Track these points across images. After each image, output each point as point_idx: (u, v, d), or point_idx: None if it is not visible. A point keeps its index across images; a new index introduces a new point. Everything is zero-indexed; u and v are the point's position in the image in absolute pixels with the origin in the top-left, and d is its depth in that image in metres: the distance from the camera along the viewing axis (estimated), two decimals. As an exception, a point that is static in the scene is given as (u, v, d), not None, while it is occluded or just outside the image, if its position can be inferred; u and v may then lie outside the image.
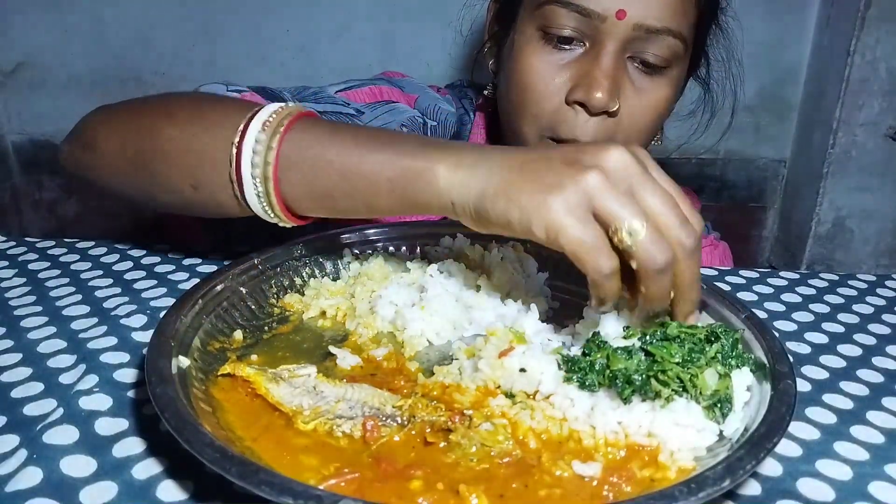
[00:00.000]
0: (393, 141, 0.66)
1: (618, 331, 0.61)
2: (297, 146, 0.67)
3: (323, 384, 0.60)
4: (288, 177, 0.68)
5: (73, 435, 0.57)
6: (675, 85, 0.91)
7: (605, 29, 0.84)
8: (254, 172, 0.67)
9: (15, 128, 2.07)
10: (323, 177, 0.67)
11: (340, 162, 0.66)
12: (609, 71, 0.85)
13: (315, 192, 0.68)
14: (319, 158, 0.67)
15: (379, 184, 0.64)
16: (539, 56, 0.88)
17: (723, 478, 0.47)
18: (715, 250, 1.07)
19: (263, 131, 0.67)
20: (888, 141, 1.93)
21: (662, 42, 0.85)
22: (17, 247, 0.93)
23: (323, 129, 0.69)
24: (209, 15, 1.96)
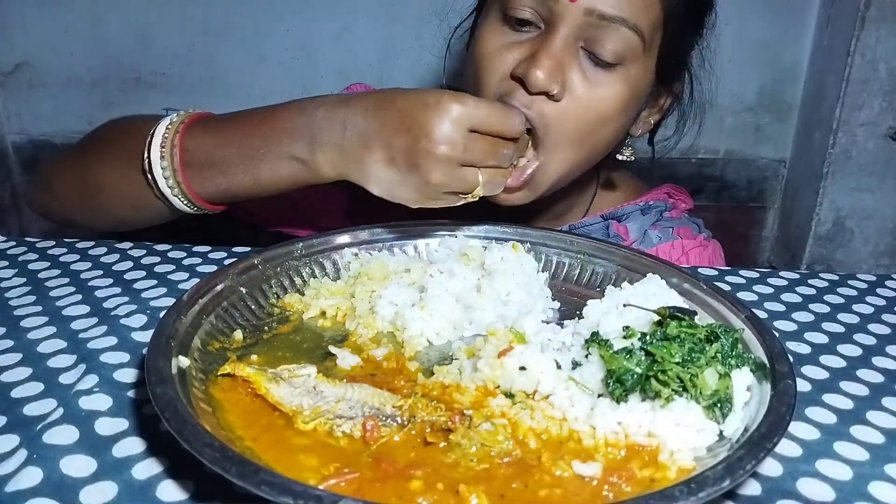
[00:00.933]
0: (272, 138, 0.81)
1: (617, 330, 0.61)
2: (194, 149, 0.83)
3: (323, 384, 0.60)
4: (195, 182, 0.84)
5: (73, 435, 0.57)
6: (630, 85, 0.88)
7: (558, 11, 0.84)
8: (169, 184, 0.84)
9: (15, 128, 2.08)
10: (229, 182, 0.83)
11: (239, 169, 0.82)
12: (553, 52, 0.84)
13: (222, 186, 0.84)
14: (219, 164, 0.83)
15: (279, 183, 0.82)
16: (495, 34, 0.90)
17: (723, 478, 0.47)
18: (704, 250, 1.06)
19: (163, 147, 0.84)
20: (888, 141, 1.93)
21: (617, 33, 0.84)
22: (17, 247, 0.93)
23: (211, 138, 0.84)
24: (209, 15, 1.96)
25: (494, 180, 0.76)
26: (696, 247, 1.05)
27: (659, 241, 1.05)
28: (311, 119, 0.78)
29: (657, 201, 1.11)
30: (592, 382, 0.59)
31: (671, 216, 1.10)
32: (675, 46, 0.92)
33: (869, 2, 1.81)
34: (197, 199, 0.85)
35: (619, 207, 1.09)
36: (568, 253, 0.84)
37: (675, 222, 1.09)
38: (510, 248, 0.79)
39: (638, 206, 1.08)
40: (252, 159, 0.82)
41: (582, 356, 0.62)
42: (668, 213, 1.10)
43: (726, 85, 2.06)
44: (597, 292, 0.79)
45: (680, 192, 1.15)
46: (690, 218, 1.13)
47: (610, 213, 1.08)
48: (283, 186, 0.83)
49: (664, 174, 2.05)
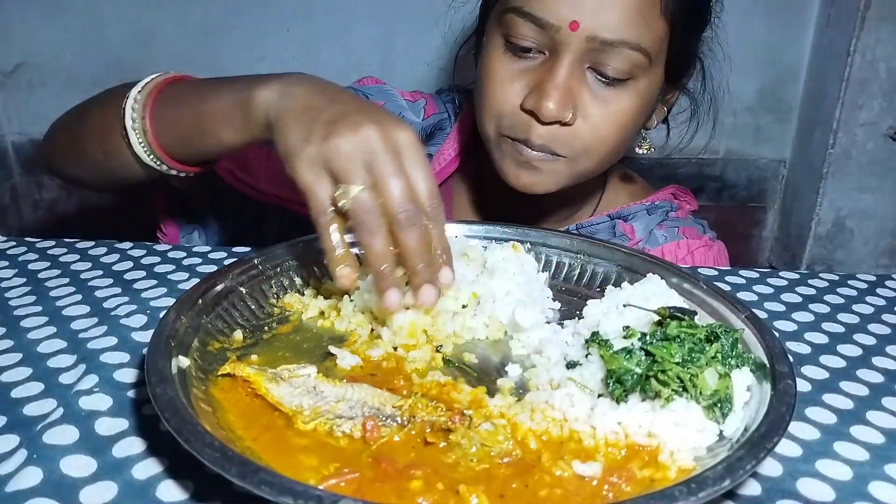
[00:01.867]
0: (233, 80, 0.79)
1: (617, 331, 0.61)
2: (163, 101, 0.83)
3: (323, 384, 0.60)
4: (159, 126, 0.83)
5: (73, 435, 0.57)
6: (640, 96, 0.90)
7: (560, 39, 0.85)
8: (133, 125, 0.83)
9: (15, 128, 2.07)
10: (181, 121, 0.82)
11: (192, 106, 0.81)
12: (561, 82, 0.86)
13: (179, 135, 0.83)
14: (178, 105, 0.82)
15: (217, 118, 0.78)
16: (500, 62, 0.91)
17: (723, 478, 0.47)
18: (709, 251, 1.07)
19: (140, 91, 0.84)
20: (888, 141, 1.93)
21: (620, 55, 0.85)
22: (17, 247, 0.93)
23: (185, 85, 0.85)
24: (209, 15, 1.95)
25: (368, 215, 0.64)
26: (701, 246, 1.06)
27: (665, 240, 1.06)
28: (262, 79, 0.75)
29: (663, 201, 1.11)
30: (592, 382, 0.59)
31: (677, 216, 1.11)
32: (683, 48, 0.93)
33: (869, 2, 1.80)
34: (154, 142, 0.83)
35: (625, 207, 1.10)
36: (568, 253, 0.84)
37: (680, 222, 1.10)
38: (510, 247, 0.79)
39: (644, 206, 1.09)
40: (201, 102, 0.80)
41: (582, 356, 0.62)
42: (674, 213, 1.11)
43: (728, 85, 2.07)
44: (597, 292, 0.79)
45: (685, 193, 1.16)
46: (696, 219, 1.14)
47: (616, 213, 1.09)
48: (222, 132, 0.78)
49: (664, 174, 2.06)
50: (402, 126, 0.66)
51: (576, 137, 0.90)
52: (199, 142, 0.81)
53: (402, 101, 1.14)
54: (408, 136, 0.66)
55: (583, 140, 0.90)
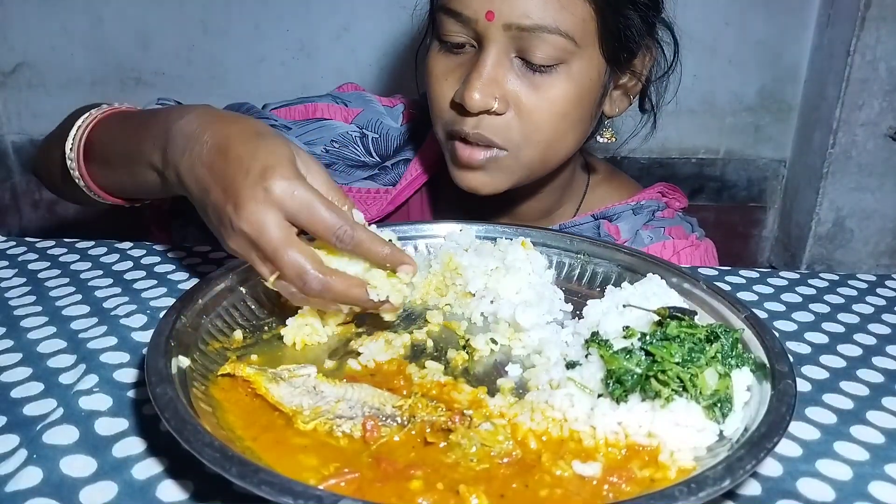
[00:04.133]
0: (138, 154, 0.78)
1: (617, 331, 0.61)
2: (96, 141, 0.86)
3: (323, 384, 0.60)
4: (90, 167, 0.86)
5: (73, 435, 0.57)
6: (574, 81, 0.88)
7: (481, 31, 0.86)
8: (74, 174, 0.87)
9: (15, 128, 2.08)
10: (109, 178, 0.86)
11: (116, 173, 0.84)
12: (485, 71, 0.86)
13: (111, 188, 0.87)
14: (102, 165, 0.85)
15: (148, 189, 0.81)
16: (436, 61, 0.93)
17: (723, 478, 0.47)
18: (696, 250, 1.05)
19: (73, 138, 0.86)
20: (888, 141, 1.93)
21: (542, 40, 0.85)
22: (17, 247, 0.93)
23: (113, 128, 0.86)
24: (209, 15, 1.96)
25: (290, 291, 0.66)
26: (687, 246, 1.05)
27: (650, 241, 1.04)
28: (172, 130, 0.73)
29: (650, 200, 1.10)
30: (592, 382, 0.59)
31: (663, 216, 1.09)
32: (618, 29, 0.90)
33: (869, 2, 1.80)
34: (95, 189, 0.88)
35: (610, 207, 1.09)
36: (568, 253, 0.84)
37: (667, 222, 1.08)
38: (519, 245, 0.79)
39: (629, 206, 1.08)
40: (128, 160, 0.81)
41: (582, 356, 0.62)
42: (661, 212, 1.09)
43: (726, 85, 2.07)
44: (597, 292, 0.79)
45: (674, 190, 1.14)
46: (684, 217, 1.12)
47: (601, 213, 1.08)
48: (155, 192, 0.81)
49: (665, 174, 2.06)
50: (261, 182, 0.63)
51: (510, 127, 0.89)
52: (141, 194, 0.87)
53: (381, 108, 1.14)
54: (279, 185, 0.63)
55: (519, 129, 0.89)
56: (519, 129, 0.89)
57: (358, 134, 1.11)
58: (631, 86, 0.99)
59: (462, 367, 0.66)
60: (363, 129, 1.11)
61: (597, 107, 0.96)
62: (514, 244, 0.79)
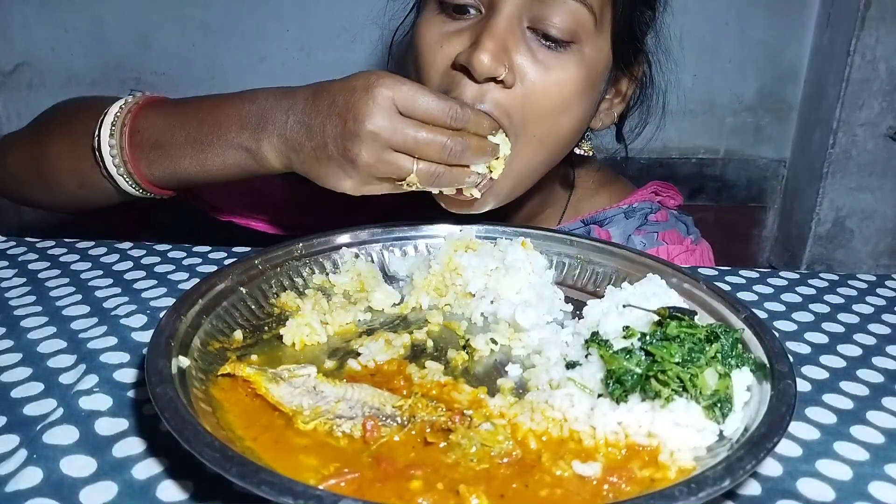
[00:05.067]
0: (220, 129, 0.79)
1: (617, 331, 0.61)
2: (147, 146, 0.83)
3: (323, 384, 0.60)
4: (151, 170, 0.84)
5: (73, 435, 0.57)
6: (586, 66, 0.82)
7: None
8: (115, 163, 0.84)
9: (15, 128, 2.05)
10: (180, 169, 0.83)
11: (189, 157, 0.82)
12: (497, 34, 0.77)
13: (177, 178, 0.84)
14: (173, 156, 0.83)
15: (227, 171, 0.81)
16: (431, 25, 0.84)
17: (723, 478, 0.47)
18: (691, 256, 1.02)
19: (112, 137, 0.83)
20: (888, 141, 1.93)
21: (565, 7, 0.78)
22: (17, 247, 0.93)
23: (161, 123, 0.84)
24: (209, 15, 1.96)
25: (432, 171, 0.73)
26: (682, 252, 1.01)
27: (643, 247, 1.01)
28: (259, 108, 0.78)
29: (642, 202, 1.06)
30: (592, 382, 0.59)
31: (657, 219, 1.05)
32: (628, 22, 0.87)
33: (869, 2, 1.80)
34: (142, 181, 0.85)
35: (601, 211, 1.04)
36: (568, 253, 0.84)
37: (660, 226, 1.04)
38: (519, 245, 0.79)
39: (621, 210, 1.04)
40: (200, 144, 0.81)
41: (582, 356, 0.62)
42: (654, 215, 1.05)
43: (726, 85, 2.07)
44: (597, 292, 0.79)
45: (668, 188, 1.10)
46: (679, 217, 1.08)
47: (591, 218, 1.04)
48: (230, 175, 0.82)
49: (665, 174, 2.06)
50: (394, 81, 0.71)
51: (512, 103, 0.80)
52: (200, 180, 0.85)
53: None
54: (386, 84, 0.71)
55: (521, 111, 0.80)
56: (521, 112, 0.81)
57: None
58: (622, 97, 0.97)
59: (462, 367, 0.66)
60: None
61: (591, 113, 0.91)
62: (514, 244, 0.79)
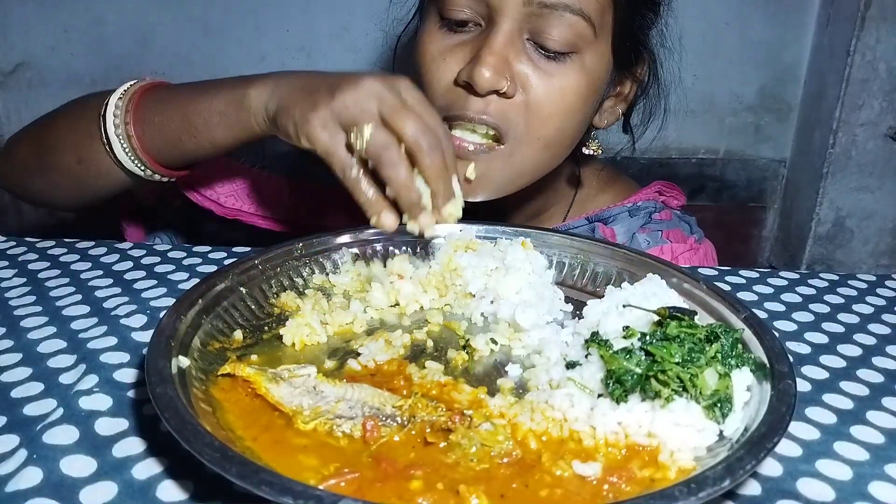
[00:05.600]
0: (221, 82, 0.80)
1: (617, 331, 0.61)
2: (147, 106, 0.83)
3: (323, 384, 0.60)
4: (145, 131, 0.83)
5: (73, 435, 0.57)
6: (587, 73, 0.84)
7: (496, 6, 0.80)
8: (117, 132, 0.83)
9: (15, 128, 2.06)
10: (170, 124, 0.82)
11: (180, 108, 0.81)
12: (497, 48, 0.80)
13: (167, 139, 0.83)
14: (165, 110, 0.82)
15: (211, 118, 0.79)
16: (433, 39, 0.87)
17: (723, 478, 0.47)
18: (695, 254, 1.03)
19: (120, 99, 0.84)
20: (888, 141, 1.93)
21: (562, 20, 0.80)
22: (17, 247, 0.93)
23: (169, 89, 0.85)
24: (209, 15, 1.96)
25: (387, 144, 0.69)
26: (686, 251, 1.02)
27: (647, 245, 1.01)
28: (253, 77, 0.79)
29: (646, 201, 1.07)
30: (592, 382, 0.59)
31: (661, 217, 1.06)
32: (629, 26, 0.88)
33: (869, 2, 1.81)
34: (140, 147, 0.84)
35: (605, 209, 1.05)
36: (568, 253, 0.84)
37: (664, 224, 1.05)
38: (519, 245, 0.79)
39: (625, 208, 1.05)
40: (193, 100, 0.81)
41: (582, 356, 0.62)
42: (658, 214, 1.06)
43: (726, 85, 2.07)
44: (597, 292, 0.79)
45: (671, 188, 1.11)
46: (682, 216, 1.10)
47: (596, 216, 1.05)
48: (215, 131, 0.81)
49: (665, 174, 2.05)
50: (397, 76, 0.71)
51: (517, 113, 0.83)
52: (189, 143, 0.82)
53: None
54: (406, 81, 0.71)
55: (525, 118, 0.83)
56: (525, 118, 0.83)
57: None
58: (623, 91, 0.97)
59: (462, 367, 0.66)
60: None
61: (594, 113, 0.93)
62: (514, 244, 0.79)
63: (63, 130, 0.90)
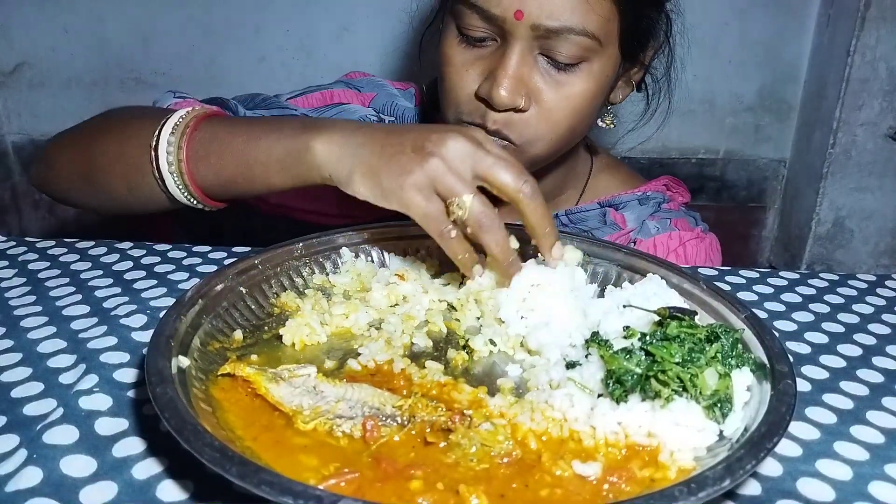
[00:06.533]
0: (280, 126, 0.79)
1: (618, 330, 0.61)
2: (201, 142, 0.82)
3: (323, 384, 0.60)
4: (198, 168, 0.83)
5: (73, 435, 0.57)
6: (595, 78, 0.90)
7: (507, 29, 0.86)
8: (170, 169, 0.83)
9: (15, 128, 2.07)
10: (226, 167, 0.81)
11: (237, 153, 0.80)
12: (512, 71, 0.86)
13: (222, 178, 0.82)
14: (221, 151, 0.81)
15: (269, 165, 0.79)
16: (455, 50, 0.91)
17: (723, 478, 0.47)
18: (701, 242, 1.07)
19: (173, 134, 0.83)
20: (888, 141, 1.93)
21: (568, 41, 0.85)
22: (17, 247, 0.93)
23: (224, 123, 0.84)
24: (209, 15, 1.96)
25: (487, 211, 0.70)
26: (693, 238, 1.06)
27: (657, 231, 1.05)
28: (315, 127, 0.77)
29: (655, 192, 1.11)
30: (592, 382, 0.59)
31: (669, 208, 1.10)
32: (635, 27, 0.92)
33: (869, 2, 1.80)
34: (192, 184, 0.84)
35: (616, 195, 1.09)
36: (568, 253, 0.84)
37: (673, 214, 1.09)
38: None
39: (636, 196, 1.09)
40: (253, 140, 0.80)
41: (582, 356, 0.62)
42: (666, 204, 1.11)
43: (726, 85, 2.07)
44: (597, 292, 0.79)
45: (678, 184, 1.15)
46: (688, 211, 1.13)
47: (607, 201, 1.08)
48: (273, 177, 0.79)
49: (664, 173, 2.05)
50: (471, 128, 0.74)
51: (528, 124, 0.89)
52: (244, 186, 0.82)
53: (394, 90, 1.14)
54: (482, 133, 0.73)
55: (535, 127, 0.90)
56: (536, 126, 0.89)
57: (375, 118, 1.11)
58: (634, 74, 1.01)
59: (462, 367, 0.66)
60: (380, 114, 1.11)
61: (605, 98, 0.97)
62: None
63: (112, 156, 0.89)
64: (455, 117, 0.94)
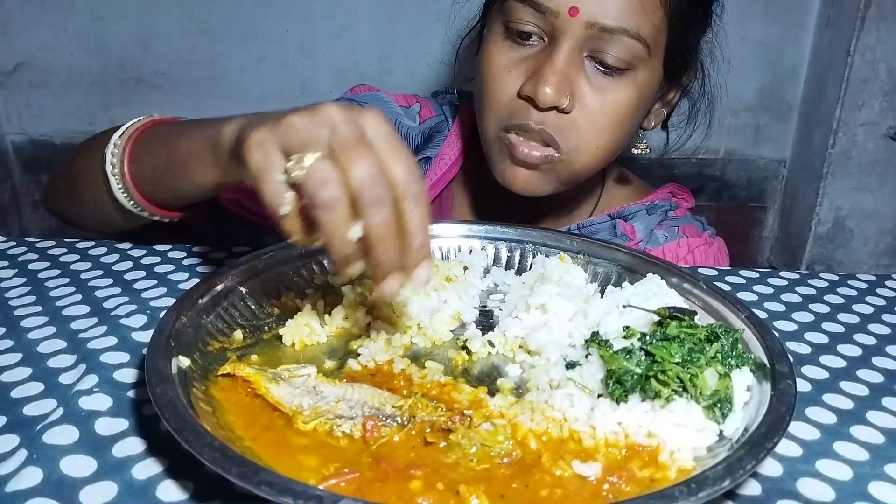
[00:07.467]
0: (210, 121, 0.75)
1: (618, 331, 0.61)
2: (142, 144, 0.82)
3: (323, 384, 0.60)
4: (136, 170, 0.81)
5: (73, 435, 0.57)
6: (639, 88, 0.90)
7: (559, 26, 0.85)
8: (114, 172, 0.82)
9: (15, 128, 2.07)
10: (158, 163, 0.80)
11: (166, 146, 0.79)
12: (560, 67, 0.85)
13: (156, 178, 0.81)
14: (155, 149, 0.81)
15: (190, 156, 0.76)
16: (499, 49, 0.91)
17: (723, 478, 0.47)
18: (710, 248, 1.07)
19: (120, 137, 0.83)
20: (888, 141, 1.93)
21: (620, 42, 0.85)
22: (17, 247, 0.93)
23: (165, 127, 0.83)
24: (209, 15, 1.95)
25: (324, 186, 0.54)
26: (701, 244, 1.06)
27: (665, 240, 1.06)
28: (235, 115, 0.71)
29: (662, 200, 1.12)
30: (592, 382, 0.59)
31: (676, 215, 1.11)
32: (681, 44, 0.93)
33: (869, 2, 1.80)
34: (133, 185, 0.81)
35: (625, 207, 1.10)
36: (568, 253, 0.84)
37: (680, 221, 1.10)
38: (558, 259, 0.79)
39: (643, 206, 1.10)
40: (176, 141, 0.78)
41: (582, 356, 0.62)
42: (673, 212, 1.11)
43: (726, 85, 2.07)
44: (597, 292, 0.79)
45: (682, 191, 1.16)
46: (694, 216, 1.14)
47: (617, 213, 1.09)
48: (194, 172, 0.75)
49: (664, 174, 2.05)
50: (369, 107, 0.58)
51: (572, 127, 0.89)
52: (173, 182, 0.79)
53: (398, 108, 1.14)
54: (376, 113, 0.57)
55: (579, 131, 0.89)
56: (579, 131, 0.89)
57: None
58: (670, 98, 1.02)
59: (462, 367, 0.66)
60: None
61: (643, 119, 0.98)
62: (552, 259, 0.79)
63: (80, 168, 0.90)
64: (496, 121, 0.92)
